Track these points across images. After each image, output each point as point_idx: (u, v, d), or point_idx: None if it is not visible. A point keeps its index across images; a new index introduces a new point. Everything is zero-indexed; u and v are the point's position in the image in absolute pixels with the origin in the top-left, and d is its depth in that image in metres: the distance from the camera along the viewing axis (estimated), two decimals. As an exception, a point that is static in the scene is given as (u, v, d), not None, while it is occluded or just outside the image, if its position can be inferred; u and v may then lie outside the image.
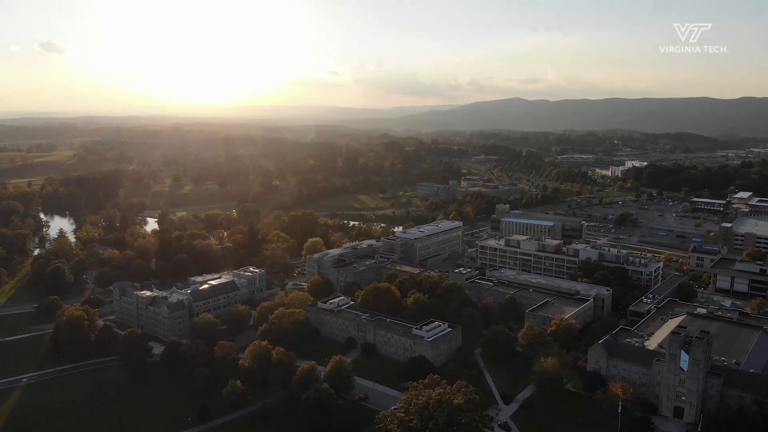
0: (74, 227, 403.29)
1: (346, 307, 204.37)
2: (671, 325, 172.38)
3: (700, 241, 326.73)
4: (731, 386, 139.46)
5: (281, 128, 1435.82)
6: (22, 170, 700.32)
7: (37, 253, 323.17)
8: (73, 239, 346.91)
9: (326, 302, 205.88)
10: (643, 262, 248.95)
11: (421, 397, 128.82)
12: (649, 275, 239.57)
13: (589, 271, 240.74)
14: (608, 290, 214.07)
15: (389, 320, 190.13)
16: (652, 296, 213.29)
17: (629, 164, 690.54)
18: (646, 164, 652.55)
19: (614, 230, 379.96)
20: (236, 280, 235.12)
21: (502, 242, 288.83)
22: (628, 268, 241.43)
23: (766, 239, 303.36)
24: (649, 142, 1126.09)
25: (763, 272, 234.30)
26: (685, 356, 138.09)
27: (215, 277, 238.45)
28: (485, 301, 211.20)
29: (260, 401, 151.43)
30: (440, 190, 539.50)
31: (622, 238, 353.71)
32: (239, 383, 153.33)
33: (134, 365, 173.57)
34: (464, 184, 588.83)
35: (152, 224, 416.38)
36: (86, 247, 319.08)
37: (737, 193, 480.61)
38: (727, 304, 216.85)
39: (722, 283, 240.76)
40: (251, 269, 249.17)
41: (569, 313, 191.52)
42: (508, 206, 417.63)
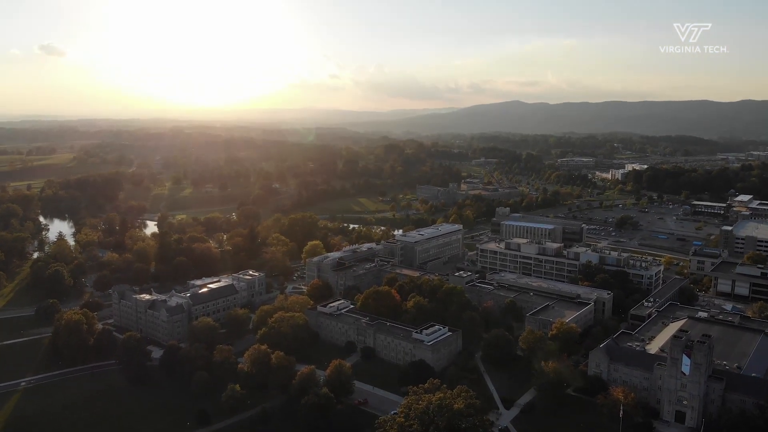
0: (73, 230, 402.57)
1: (345, 310, 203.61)
2: (672, 328, 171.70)
3: (700, 244, 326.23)
4: (733, 390, 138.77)
5: (282, 131, 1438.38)
6: (21, 173, 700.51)
7: (36, 256, 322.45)
8: (72, 242, 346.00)
9: (326, 306, 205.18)
10: (643, 265, 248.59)
11: (421, 401, 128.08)
12: (649, 279, 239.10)
13: (589, 274, 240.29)
14: (609, 294, 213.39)
15: (389, 324, 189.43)
16: (653, 300, 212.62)
17: (629, 167, 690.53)
18: (646, 167, 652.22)
19: (614, 233, 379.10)
20: (236, 283, 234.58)
21: (502, 245, 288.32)
22: (628, 271, 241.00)
23: (766, 242, 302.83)
24: (649, 144, 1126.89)
25: (764, 275, 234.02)
26: (686, 360, 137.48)
27: (215, 280, 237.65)
28: (485, 304, 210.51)
29: (259, 406, 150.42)
30: (440, 193, 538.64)
31: (622, 241, 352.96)
32: (238, 387, 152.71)
33: (133, 369, 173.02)
34: (464, 187, 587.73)
35: (152, 227, 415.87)
36: (85, 250, 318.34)
37: (738, 196, 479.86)
38: (728, 307, 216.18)
39: (723, 286, 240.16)
40: (251, 272, 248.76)
41: (570, 316, 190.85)
42: (508, 209, 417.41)
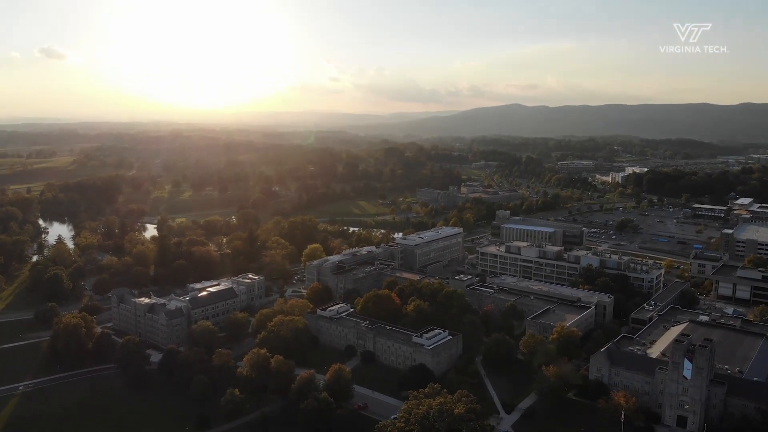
0: (73, 234, 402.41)
1: (345, 314, 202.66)
2: (674, 332, 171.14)
3: (701, 247, 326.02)
4: (735, 395, 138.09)
5: (282, 134, 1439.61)
6: (21, 176, 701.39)
7: (35, 259, 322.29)
8: (71, 246, 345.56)
9: (325, 309, 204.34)
10: (644, 268, 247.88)
11: (421, 406, 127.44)
12: (650, 282, 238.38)
13: (590, 278, 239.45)
14: (610, 297, 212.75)
15: (389, 328, 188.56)
16: (654, 303, 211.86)
17: (629, 170, 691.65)
18: (646, 170, 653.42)
19: (615, 237, 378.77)
20: (235, 287, 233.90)
21: (502, 249, 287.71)
22: (629, 275, 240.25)
23: (767, 246, 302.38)
24: (649, 148, 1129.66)
25: (765, 279, 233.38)
26: (688, 364, 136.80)
27: (214, 284, 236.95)
28: (486, 308, 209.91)
29: (259, 410, 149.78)
30: (440, 196, 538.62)
31: (623, 244, 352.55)
32: (237, 392, 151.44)
33: (132, 373, 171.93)
34: (464, 190, 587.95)
35: (151, 230, 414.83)
36: (85, 253, 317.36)
37: (738, 199, 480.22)
38: (729, 311, 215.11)
39: (724, 290, 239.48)
40: (250, 276, 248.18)
41: (571, 320, 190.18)
42: (508, 212, 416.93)
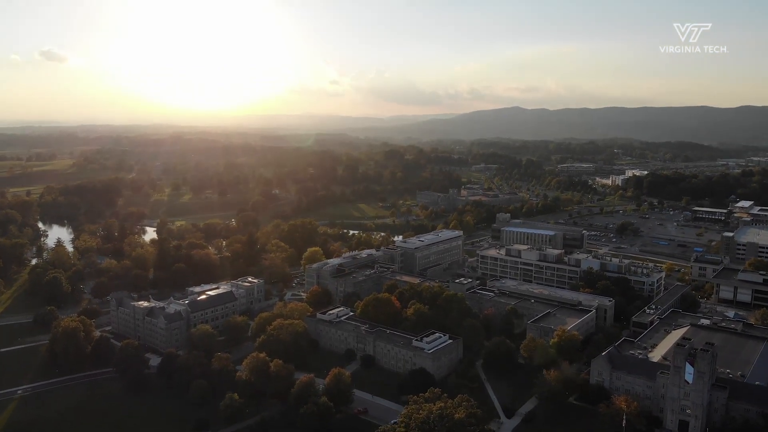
0: (72, 237, 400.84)
1: (345, 318, 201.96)
2: (675, 336, 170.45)
3: (702, 250, 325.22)
4: (737, 399, 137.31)
5: (282, 137, 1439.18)
6: (21, 179, 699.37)
7: (34, 262, 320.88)
8: (70, 249, 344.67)
9: (325, 313, 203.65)
10: (645, 272, 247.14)
11: (421, 411, 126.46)
12: (651, 285, 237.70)
13: (590, 281, 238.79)
14: (610, 301, 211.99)
15: (389, 332, 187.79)
16: (654, 307, 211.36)
17: (630, 173, 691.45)
18: (646, 173, 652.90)
19: (615, 240, 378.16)
20: (234, 290, 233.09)
21: (502, 252, 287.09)
22: (630, 278, 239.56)
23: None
24: (649, 150, 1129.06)
25: (766, 282, 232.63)
26: (689, 369, 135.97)
27: (213, 287, 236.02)
28: (486, 311, 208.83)
29: (258, 414, 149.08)
30: (440, 198, 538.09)
31: (623, 247, 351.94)
32: (236, 396, 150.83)
33: (131, 377, 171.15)
34: (464, 192, 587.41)
35: (151, 233, 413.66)
36: (84, 256, 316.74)
37: (738, 202, 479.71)
38: (730, 314, 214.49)
39: (725, 293, 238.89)
40: (250, 279, 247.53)
41: (571, 324, 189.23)
42: (508, 215, 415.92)
